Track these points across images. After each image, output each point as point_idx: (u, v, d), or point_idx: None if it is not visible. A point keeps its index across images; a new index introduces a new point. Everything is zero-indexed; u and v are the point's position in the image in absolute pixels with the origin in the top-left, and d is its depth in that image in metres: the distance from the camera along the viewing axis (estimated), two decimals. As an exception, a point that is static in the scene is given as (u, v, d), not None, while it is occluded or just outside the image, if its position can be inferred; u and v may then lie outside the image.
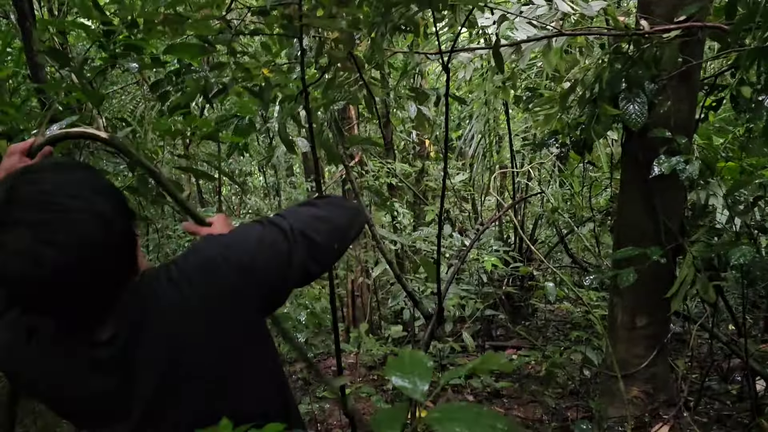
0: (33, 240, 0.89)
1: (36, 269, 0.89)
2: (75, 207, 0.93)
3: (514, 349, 4.95)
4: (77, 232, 0.92)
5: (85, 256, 0.93)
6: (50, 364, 1.06)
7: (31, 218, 0.91)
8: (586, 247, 5.20)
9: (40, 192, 0.93)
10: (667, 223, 2.76)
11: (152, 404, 1.05)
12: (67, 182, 0.96)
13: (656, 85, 2.39)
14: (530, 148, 4.30)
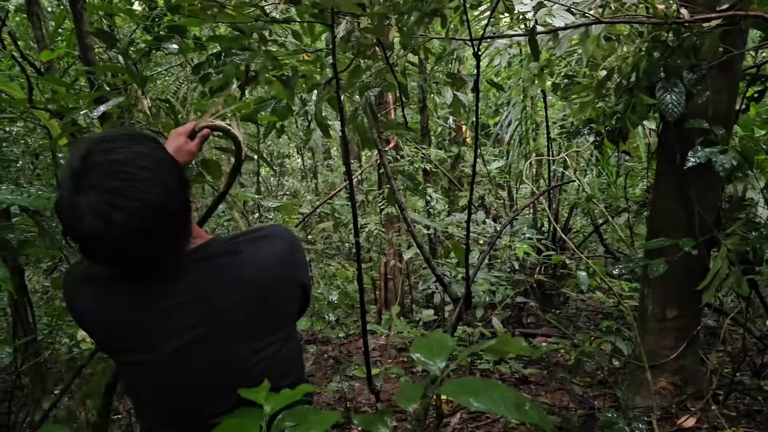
0: (105, 203, 1.02)
1: (106, 229, 1.03)
2: (142, 177, 1.05)
3: (544, 336, 4.96)
4: (143, 199, 1.04)
5: (149, 220, 1.05)
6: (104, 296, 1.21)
7: (105, 184, 1.03)
8: (620, 238, 5.15)
9: (113, 162, 1.05)
10: (702, 214, 2.73)
11: (180, 345, 1.18)
12: (136, 153, 1.07)
13: (695, 75, 2.35)
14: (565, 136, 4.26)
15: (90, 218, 1.02)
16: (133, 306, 1.19)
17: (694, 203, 2.74)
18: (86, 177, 1.04)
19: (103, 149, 1.07)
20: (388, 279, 6.37)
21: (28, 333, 2.76)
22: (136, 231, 1.05)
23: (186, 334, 1.18)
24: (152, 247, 1.11)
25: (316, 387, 1.17)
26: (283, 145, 9.50)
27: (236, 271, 1.21)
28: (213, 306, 1.19)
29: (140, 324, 1.19)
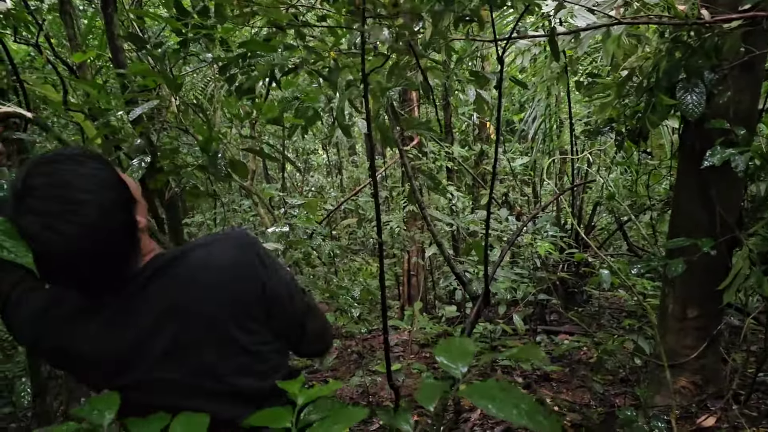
0: (42, 227, 1.03)
1: (48, 251, 1.04)
2: (82, 199, 1.06)
3: (567, 334, 4.96)
4: (81, 222, 1.05)
5: (89, 242, 1.06)
6: (68, 325, 1.21)
7: (42, 207, 1.04)
8: (644, 236, 5.12)
9: (52, 185, 1.05)
10: (723, 214, 2.72)
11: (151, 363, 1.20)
12: (78, 176, 1.07)
13: (716, 75, 2.35)
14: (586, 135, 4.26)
15: (32, 241, 1.02)
16: (102, 334, 1.19)
17: (716, 203, 2.74)
18: (25, 200, 1.04)
19: (44, 172, 1.07)
20: (411, 275, 6.42)
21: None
22: (76, 253, 1.05)
23: (157, 347, 1.18)
24: (98, 268, 1.10)
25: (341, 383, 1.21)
26: (308, 142, 9.61)
27: (189, 274, 1.20)
28: (175, 315, 1.19)
29: (114, 349, 1.19)
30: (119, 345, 1.19)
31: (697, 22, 2.23)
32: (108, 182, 1.11)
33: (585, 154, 4.27)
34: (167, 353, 1.19)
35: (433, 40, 2.81)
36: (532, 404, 0.85)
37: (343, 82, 2.77)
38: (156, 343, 1.19)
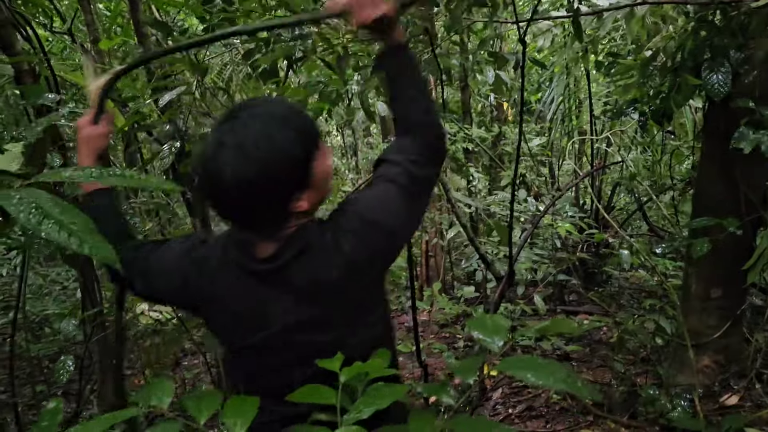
0: (236, 147, 1.16)
1: (227, 172, 1.16)
2: (274, 134, 1.19)
3: (587, 314, 4.99)
4: (269, 149, 1.17)
5: (266, 169, 1.17)
6: (219, 272, 1.32)
7: (241, 131, 1.18)
8: (665, 216, 5.11)
9: (253, 115, 1.20)
10: (749, 194, 2.72)
11: (284, 324, 1.28)
12: (268, 116, 1.21)
13: (742, 54, 2.34)
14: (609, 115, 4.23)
15: (213, 150, 1.17)
16: (246, 289, 1.29)
17: (740, 183, 2.73)
18: (228, 123, 1.19)
19: (253, 104, 1.23)
20: (429, 256, 6.46)
21: (95, 305, 2.96)
22: (254, 176, 1.16)
23: (293, 312, 1.27)
24: (263, 198, 1.20)
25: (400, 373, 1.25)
26: (323, 124, 9.62)
27: (338, 250, 1.27)
28: (321, 286, 1.27)
29: (254, 306, 1.29)
30: (264, 302, 1.28)
31: (723, 1, 2.22)
32: (296, 127, 1.23)
33: (605, 135, 4.25)
34: (311, 318, 1.28)
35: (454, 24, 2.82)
36: (568, 372, 0.89)
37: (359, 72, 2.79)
38: (292, 307, 1.27)
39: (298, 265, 1.26)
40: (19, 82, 2.47)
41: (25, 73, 2.45)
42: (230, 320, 1.33)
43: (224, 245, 1.34)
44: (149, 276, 1.41)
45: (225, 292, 1.31)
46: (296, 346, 1.29)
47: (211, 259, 1.34)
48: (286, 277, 1.27)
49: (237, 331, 1.33)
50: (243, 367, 1.37)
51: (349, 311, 1.31)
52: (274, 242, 1.27)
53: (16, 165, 1.49)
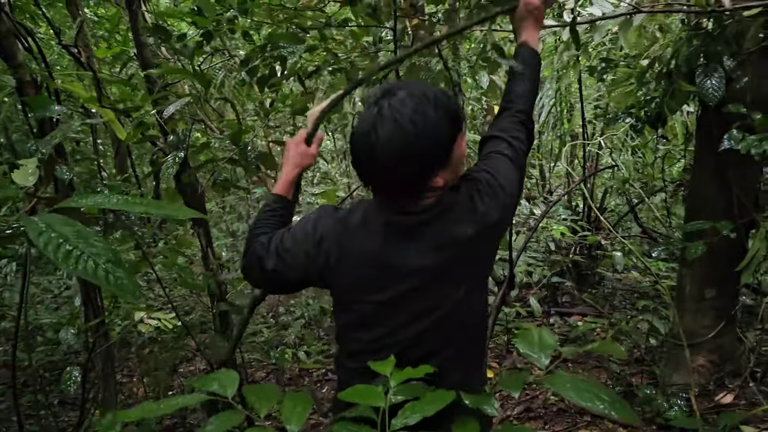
0: (393, 119, 1.29)
1: (381, 142, 1.29)
2: (426, 110, 1.31)
3: (580, 315, 5.04)
4: (423, 121, 1.30)
5: (419, 140, 1.30)
6: (361, 228, 1.45)
7: (398, 106, 1.30)
8: (656, 218, 5.18)
9: (410, 94, 1.32)
10: (741, 197, 2.78)
11: (408, 284, 1.41)
12: (423, 96, 1.33)
13: (735, 61, 2.40)
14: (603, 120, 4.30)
15: (374, 130, 1.29)
16: (388, 249, 1.41)
17: (733, 186, 2.80)
18: (388, 98, 1.32)
19: (406, 85, 1.35)
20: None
21: (97, 315, 2.96)
22: (405, 146, 1.29)
23: (430, 265, 1.40)
24: (413, 167, 1.33)
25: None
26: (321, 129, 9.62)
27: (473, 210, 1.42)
28: (452, 242, 1.40)
29: (391, 265, 1.41)
30: (403, 255, 1.41)
31: (718, 10, 2.28)
32: (440, 106, 1.34)
33: (597, 140, 4.31)
34: (447, 271, 1.41)
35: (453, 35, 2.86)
36: (611, 394, 0.94)
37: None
38: (438, 262, 1.40)
39: (438, 221, 1.40)
40: (21, 93, 2.47)
41: (27, 84, 2.45)
42: (367, 275, 1.44)
43: (366, 209, 1.48)
44: (283, 249, 1.51)
45: (366, 247, 1.43)
46: (429, 297, 1.42)
47: (354, 218, 1.47)
48: (426, 232, 1.40)
49: (372, 285, 1.44)
50: (368, 323, 1.47)
51: (477, 270, 1.48)
52: (417, 206, 1.41)
53: (33, 179, 1.50)
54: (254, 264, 1.56)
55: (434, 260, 1.41)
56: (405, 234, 1.41)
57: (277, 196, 1.71)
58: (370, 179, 1.39)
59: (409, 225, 1.41)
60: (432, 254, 1.41)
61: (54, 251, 1.07)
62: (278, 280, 1.55)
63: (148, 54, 3.03)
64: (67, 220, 1.18)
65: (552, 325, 4.99)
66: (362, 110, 1.35)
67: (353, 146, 1.36)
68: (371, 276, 1.43)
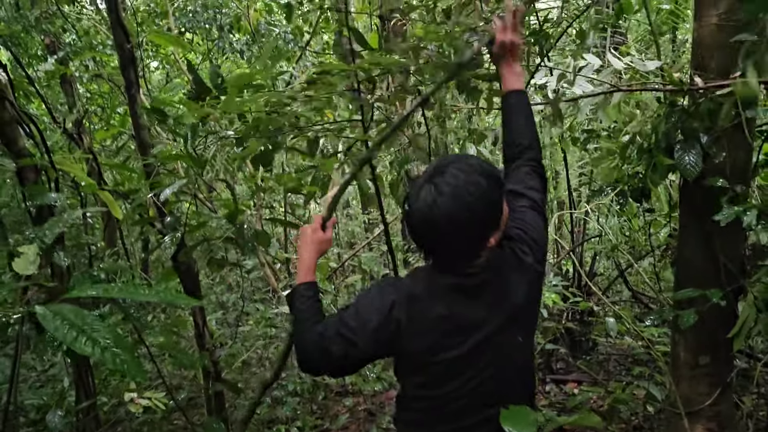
0: (451, 193, 1.42)
1: (441, 214, 1.42)
2: (478, 181, 1.45)
3: (576, 383, 5.00)
4: (475, 193, 1.44)
5: (473, 208, 1.43)
6: (428, 297, 1.55)
7: (451, 181, 1.43)
8: (645, 282, 5.23)
9: (460, 169, 1.46)
10: (728, 264, 2.84)
11: (476, 339, 1.53)
12: (471, 168, 1.47)
13: (711, 137, 2.51)
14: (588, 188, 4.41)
15: (433, 203, 1.42)
16: (456, 310, 1.53)
17: (719, 253, 2.86)
18: (438, 176, 1.45)
19: (455, 160, 1.49)
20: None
21: (89, 396, 2.91)
22: (462, 215, 1.42)
23: (495, 318, 1.54)
24: (468, 233, 1.46)
25: None
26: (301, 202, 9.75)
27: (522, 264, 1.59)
28: (502, 308, 1.55)
29: (460, 325, 1.53)
30: (469, 314, 1.54)
31: (692, 89, 2.40)
32: (489, 175, 1.49)
33: (584, 210, 4.42)
34: (509, 322, 1.56)
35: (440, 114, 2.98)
36: None
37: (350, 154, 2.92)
38: (501, 315, 1.55)
39: (496, 278, 1.55)
40: (21, 177, 2.52)
41: (27, 170, 2.50)
42: (439, 338, 1.53)
43: (427, 276, 1.59)
44: (347, 330, 1.57)
45: (435, 312, 1.53)
46: (495, 348, 1.54)
47: (417, 286, 1.57)
48: (487, 290, 1.54)
49: (444, 346, 1.54)
50: (440, 381, 1.57)
51: (531, 317, 1.66)
52: (473, 267, 1.54)
53: (33, 268, 1.53)
54: (317, 356, 1.61)
55: (498, 314, 1.54)
56: (470, 294, 1.53)
57: (307, 284, 1.76)
58: (432, 248, 1.52)
59: (473, 285, 1.53)
60: (496, 309, 1.54)
61: (64, 336, 1.16)
62: (345, 361, 1.60)
63: (146, 136, 3.12)
64: (74, 309, 1.26)
65: (548, 393, 4.95)
66: (415, 188, 1.48)
67: (415, 222, 1.48)
68: (443, 338, 1.53)
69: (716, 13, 2.58)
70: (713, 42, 2.60)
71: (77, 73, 6.10)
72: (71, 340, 1.11)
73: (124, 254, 5.18)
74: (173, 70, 8.27)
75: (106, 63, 6.25)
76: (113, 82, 4.85)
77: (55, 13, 5.10)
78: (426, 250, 1.55)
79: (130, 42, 2.64)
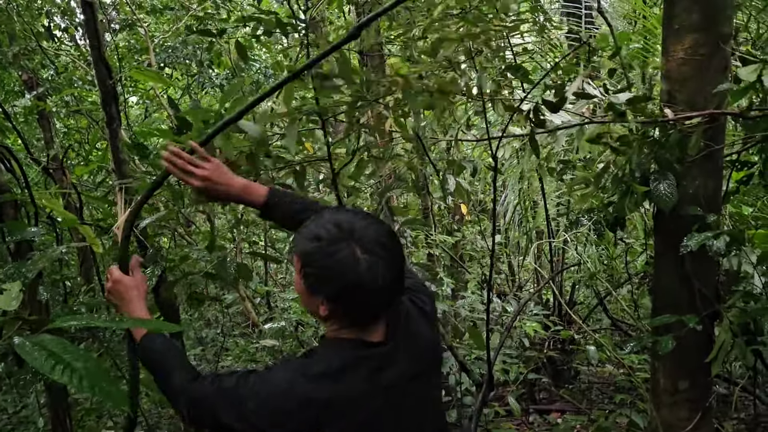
0: (373, 262, 1.35)
1: (368, 279, 1.35)
2: (393, 246, 1.41)
3: (559, 412, 5.00)
4: (394, 262, 1.40)
5: (394, 276, 1.39)
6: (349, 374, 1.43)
7: (372, 248, 1.36)
8: (624, 309, 5.30)
9: (378, 232, 1.40)
10: (703, 290, 2.91)
11: (402, 403, 1.47)
12: (387, 230, 1.44)
13: (682, 167, 2.60)
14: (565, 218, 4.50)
15: (360, 269, 1.34)
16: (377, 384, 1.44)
17: (694, 279, 2.92)
18: (353, 239, 1.36)
19: (367, 224, 1.40)
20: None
21: (66, 438, 2.84)
22: (389, 282, 1.37)
23: (410, 388, 1.49)
24: (391, 296, 1.42)
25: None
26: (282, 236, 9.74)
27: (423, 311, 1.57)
28: (417, 361, 1.51)
29: (387, 396, 1.45)
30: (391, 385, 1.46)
31: (663, 120, 2.49)
32: (395, 236, 1.47)
33: (562, 239, 4.49)
34: (423, 385, 1.54)
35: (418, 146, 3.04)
36: None
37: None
38: (408, 386, 1.49)
39: (406, 337, 1.49)
40: (0, 213, 2.50)
41: (6, 205, 2.49)
42: (365, 417, 1.42)
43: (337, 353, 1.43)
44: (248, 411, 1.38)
45: (356, 392, 1.40)
46: (419, 407, 1.51)
47: (330, 367, 1.41)
48: (402, 353, 1.48)
49: (374, 422, 1.44)
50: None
51: (440, 365, 1.67)
52: (383, 324, 1.48)
53: (16, 304, 1.52)
54: (207, 414, 1.44)
55: (417, 372, 1.49)
56: (386, 362, 1.46)
57: (153, 335, 1.60)
58: (371, 309, 1.42)
59: (387, 353, 1.46)
60: (414, 366, 1.49)
61: (42, 366, 1.15)
62: None
63: (127, 170, 3.12)
64: (54, 339, 1.25)
65: (531, 423, 4.93)
66: (330, 256, 1.35)
67: (345, 291, 1.36)
68: (371, 415, 1.42)
69: (682, 47, 2.69)
70: (680, 75, 2.71)
71: (55, 108, 6.09)
72: (49, 370, 1.10)
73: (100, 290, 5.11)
74: (152, 105, 8.30)
75: (84, 98, 6.27)
76: (92, 118, 4.86)
77: (35, 49, 5.11)
78: (362, 314, 1.44)
79: (112, 78, 2.66)
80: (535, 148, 2.75)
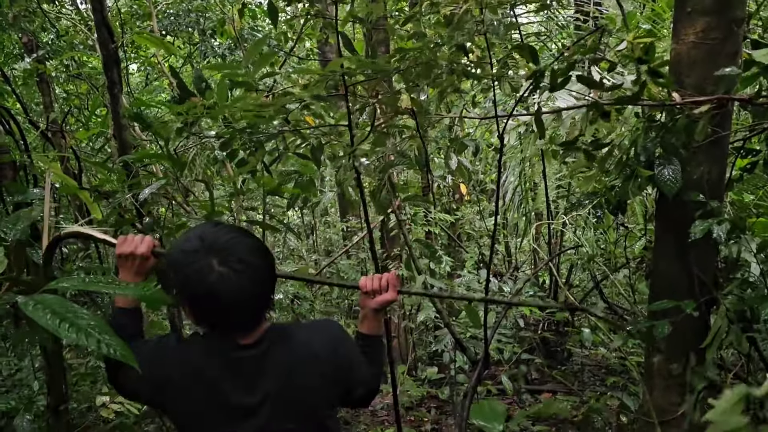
0: (229, 273, 1.41)
1: (221, 290, 1.41)
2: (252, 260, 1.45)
3: (550, 393, 5.05)
4: (252, 274, 1.44)
5: (252, 288, 1.44)
6: (199, 363, 1.52)
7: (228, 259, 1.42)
8: (620, 293, 5.32)
9: (236, 244, 1.47)
10: (701, 276, 2.91)
11: (267, 409, 1.50)
12: (250, 242, 1.49)
13: (688, 152, 2.58)
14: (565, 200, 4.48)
15: (213, 281, 1.40)
16: (231, 373, 1.50)
17: (693, 265, 2.92)
18: (212, 251, 1.42)
19: (226, 234, 1.47)
20: (393, 337, 6.47)
21: (60, 400, 2.84)
22: (243, 296, 1.43)
23: (273, 403, 1.50)
24: (248, 310, 1.47)
25: None
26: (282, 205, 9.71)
27: (307, 350, 1.57)
28: (286, 378, 1.52)
29: (238, 390, 1.49)
30: (247, 395, 1.50)
31: (670, 104, 2.46)
32: (261, 250, 1.50)
33: (562, 220, 4.48)
34: (274, 409, 1.51)
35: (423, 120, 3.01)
36: None
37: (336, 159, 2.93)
38: (273, 400, 1.50)
39: (277, 350, 1.53)
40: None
41: (5, 166, 2.47)
42: (210, 407, 1.50)
43: (207, 345, 1.56)
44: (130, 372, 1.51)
45: (209, 380, 1.50)
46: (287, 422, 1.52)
47: (193, 352, 1.54)
48: (269, 361, 1.52)
49: (218, 415, 1.50)
50: None
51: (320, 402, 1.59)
52: (252, 337, 1.54)
53: (2, 268, 1.51)
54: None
55: (279, 385, 1.53)
56: (249, 364, 1.51)
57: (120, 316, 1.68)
58: (224, 319, 1.50)
59: (254, 355, 1.52)
60: (283, 379, 1.53)
61: (47, 324, 1.16)
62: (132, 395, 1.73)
63: (127, 136, 3.09)
64: (57, 299, 1.25)
65: (523, 402, 4.98)
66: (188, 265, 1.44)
67: (195, 299, 1.46)
68: (216, 408, 1.50)
69: (693, 31, 2.66)
70: (690, 59, 2.67)
71: (55, 73, 6.02)
72: (55, 327, 1.11)
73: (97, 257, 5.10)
74: (153, 73, 8.22)
75: (85, 63, 6.19)
76: (92, 84, 4.81)
77: (35, 11, 5.04)
78: (214, 322, 1.53)
79: (114, 42, 2.62)
80: (541, 130, 2.72)
